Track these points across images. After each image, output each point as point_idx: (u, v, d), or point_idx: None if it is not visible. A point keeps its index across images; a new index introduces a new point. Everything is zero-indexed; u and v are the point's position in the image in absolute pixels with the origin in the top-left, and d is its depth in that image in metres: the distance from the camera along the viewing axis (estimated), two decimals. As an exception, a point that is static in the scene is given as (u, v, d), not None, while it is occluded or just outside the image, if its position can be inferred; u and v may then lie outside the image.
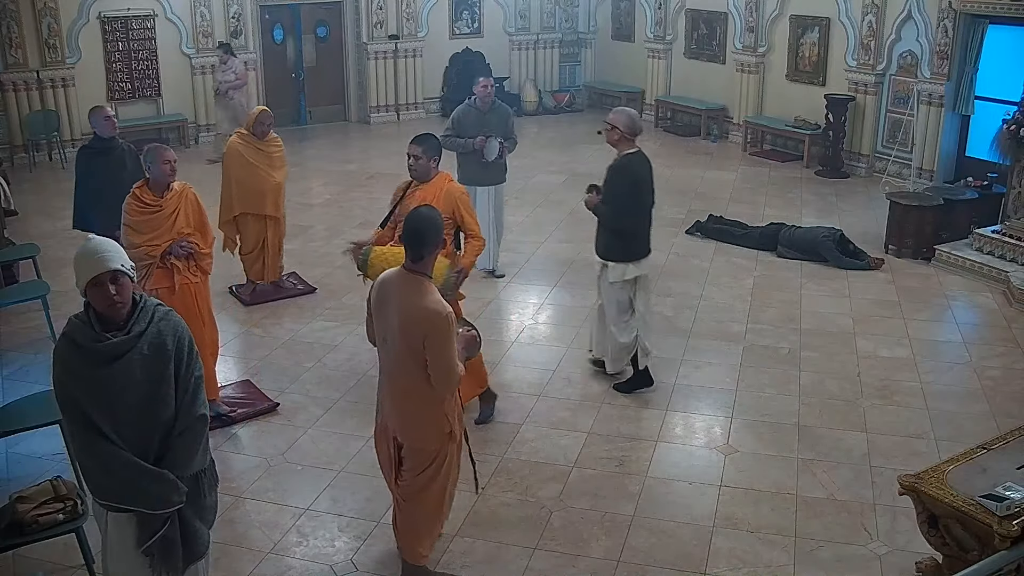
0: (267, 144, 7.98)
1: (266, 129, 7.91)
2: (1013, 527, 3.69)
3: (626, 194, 6.13)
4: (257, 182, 7.84)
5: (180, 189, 5.88)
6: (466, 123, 8.16)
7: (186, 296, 5.88)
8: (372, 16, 15.36)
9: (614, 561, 4.74)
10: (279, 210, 8.08)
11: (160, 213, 5.77)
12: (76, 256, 3.41)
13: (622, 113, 6.22)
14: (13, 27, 12.75)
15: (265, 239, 8.06)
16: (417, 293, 4.05)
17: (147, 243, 5.72)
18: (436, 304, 4.01)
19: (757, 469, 5.59)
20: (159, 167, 5.71)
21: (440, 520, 4.62)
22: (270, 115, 8.03)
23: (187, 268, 5.87)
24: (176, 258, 5.79)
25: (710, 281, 8.61)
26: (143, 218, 5.75)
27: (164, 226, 5.77)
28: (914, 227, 9.19)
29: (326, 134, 15.09)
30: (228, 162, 7.89)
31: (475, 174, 8.22)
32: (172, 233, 5.78)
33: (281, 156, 8.08)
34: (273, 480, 5.49)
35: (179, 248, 5.79)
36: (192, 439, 3.48)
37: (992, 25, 10.62)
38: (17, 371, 6.88)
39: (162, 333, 3.42)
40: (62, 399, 3.34)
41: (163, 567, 3.49)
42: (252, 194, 7.84)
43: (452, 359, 4.05)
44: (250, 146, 7.90)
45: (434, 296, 4.05)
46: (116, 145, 7.21)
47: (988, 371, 6.85)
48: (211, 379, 6.19)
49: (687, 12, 15.08)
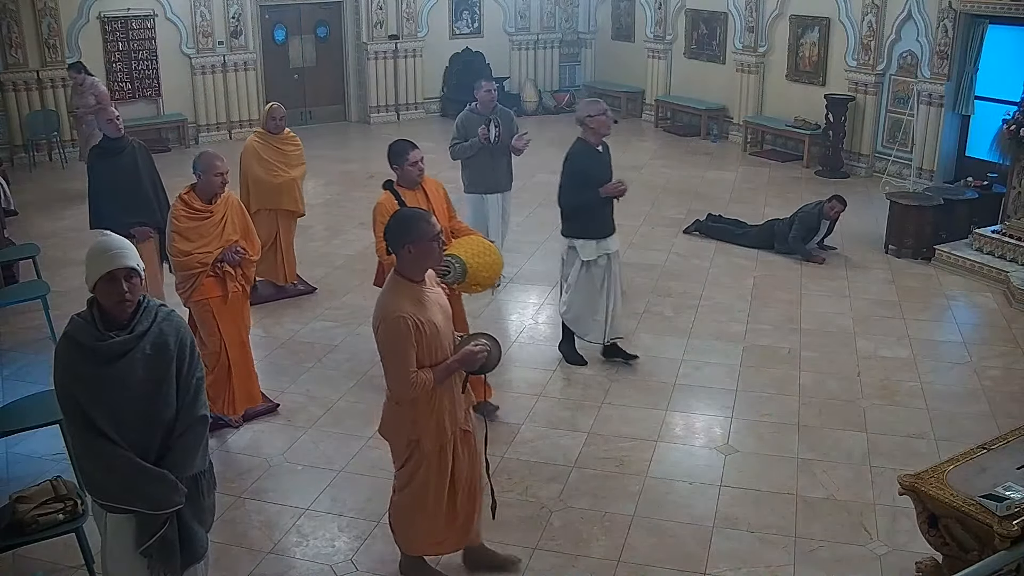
0: (283, 142, 8.00)
1: (280, 123, 7.92)
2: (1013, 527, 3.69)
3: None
4: (272, 180, 7.87)
5: (227, 195, 5.79)
6: (472, 128, 8.07)
7: (236, 304, 5.84)
8: (372, 16, 15.36)
9: (614, 561, 4.74)
10: (298, 205, 8.12)
11: (210, 220, 5.66)
12: (91, 250, 3.40)
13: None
14: (13, 27, 12.76)
15: (278, 235, 8.06)
16: (384, 287, 4.03)
17: (198, 250, 5.60)
18: (386, 304, 3.91)
19: (757, 469, 5.59)
20: (210, 178, 5.60)
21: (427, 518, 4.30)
22: (281, 109, 8.02)
23: (235, 277, 5.79)
24: (230, 265, 5.70)
25: (710, 281, 8.61)
26: (192, 224, 5.62)
27: (214, 233, 5.66)
28: (914, 227, 9.19)
29: (326, 134, 15.09)
30: (244, 161, 7.92)
31: (485, 181, 8.16)
32: (221, 240, 5.67)
33: (299, 154, 8.10)
34: (273, 480, 5.49)
35: (233, 255, 5.68)
36: (193, 440, 3.48)
37: (992, 25, 10.62)
38: (17, 371, 6.88)
39: (164, 333, 3.42)
40: (63, 398, 3.34)
41: (161, 568, 3.49)
42: (268, 190, 7.86)
43: (397, 365, 3.89)
44: (266, 144, 7.93)
45: (389, 295, 3.94)
46: (126, 144, 7.19)
47: (988, 371, 6.85)
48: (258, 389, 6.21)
49: (687, 12, 15.08)
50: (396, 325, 3.84)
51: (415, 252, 3.93)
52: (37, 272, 7.91)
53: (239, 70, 14.52)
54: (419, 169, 5.72)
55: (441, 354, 4.03)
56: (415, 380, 3.91)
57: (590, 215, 6.55)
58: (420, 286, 4.02)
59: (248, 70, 14.61)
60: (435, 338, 3.98)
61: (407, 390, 3.94)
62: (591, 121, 6.46)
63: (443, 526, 4.36)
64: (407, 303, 3.91)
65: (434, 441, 4.14)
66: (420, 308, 3.95)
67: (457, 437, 4.23)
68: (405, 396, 4.00)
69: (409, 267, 3.98)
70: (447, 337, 4.09)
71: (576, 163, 6.50)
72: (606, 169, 6.61)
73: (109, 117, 7.15)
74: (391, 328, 3.86)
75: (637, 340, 7.31)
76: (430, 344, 3.96)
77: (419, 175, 5.74)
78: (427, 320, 3.93)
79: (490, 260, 5.57)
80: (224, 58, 14.33)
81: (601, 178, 6.52)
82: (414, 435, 4.12)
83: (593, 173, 6.48)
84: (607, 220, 6.64)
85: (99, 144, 7.32)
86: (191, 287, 5.67)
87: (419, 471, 4.20)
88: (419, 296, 3.99)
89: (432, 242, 3.95)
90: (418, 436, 4.12)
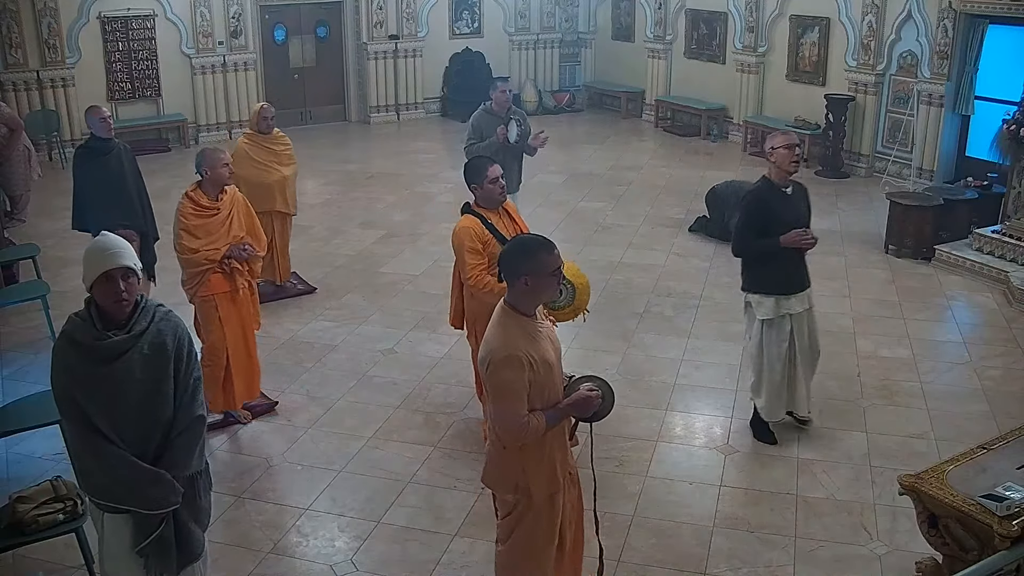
0: (274, 141, 8.00)
1: (270, 124, 7.92)
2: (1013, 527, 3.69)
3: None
4: (265, 179, 7.87)
5: (231, 192, 5.86)
6: (487, 128, 7.90)
7: (245, 300, 5.88)
8: (372, 16, 15.37)
9: (614, 561, 4.73)
10: (290, 206, 8.11)
11: (217, 216, 5.72)
12: (89, 250, 3.40)
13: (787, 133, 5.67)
14: (13, 27, 12.77)
15: (273, 238, 8.07)
16: (492, 320, 3.67)
17: (206, 247, 5.65)
18: (498, 339, 3.56)
19: (757, 469, 5.59)
20: (219, 171, 5.66)
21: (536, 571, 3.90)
22: (271, 109, 8.03)
23: (245, 272, 5.85)
24: (238, 261, 5.74)
25: (710, 281, 8.61)
26: (200, 222, 5.67)
27: (221, 230, 5.72)
28: (914, 227, 9.19)
29: (326, 134, 15.09)
30: (236, 163, 7.85)
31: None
32: (229, 237, 5.73)
33: (289, 153, 8.10)
34: (273, 480, 5.49)
35: (241, 252, 5.72)
36: (190, 439, 3.49)
37: (992, 25, 10.62)
38: (17, 371, 6.88)
39: (162, 333, 3.42)
40: (61, 397, 3.35)
41: (158, 568, 3.49)
42: (260, 191, 7.83)
43: (508, 407, 3.52)
44: (257, 145, 7.92)
45: (497, 328, 3.59)
46: (113, 145, 7.21)
47: (988, 371, 6.85)
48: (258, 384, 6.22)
49: (687, 12, 15.08)
50: (510, 364, 3.49)
51: (532, 284, 3.55)
52: (37, 272, 7.91)
53: (239, 70, 14.52)
54: (500, 187, 5.28)
55: (552, 395, 3.67)
56: (527, 424, 3.55)
57: (770, 265, 5.56)
58: (532, 320, 3.66)
59: (248, 70, 14.62)
60: (548, 377, 3.62)
61: (519, 435, 3.59)
62: (772, 154, 5.48)
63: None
64: (520, 339, 3.56)
65: (544, 490, 3.77)
66: (533, 344, 3.59)
67: (566, 483, 3.89)
68: (515, 442, 3.64)
69: (523, 299, 3.61)
70: (559, 376, 3.74)
71: (752, 204, 5.55)
72: (792, 213, 5.53)
73: (102, 116, 7.12)
74: (504, 366, 3.50)
75: (637, 340, 7.31)
76: (543, 384, 3.60)
77: (501, 194, 5.32)
78: (540, 358, 3.58)
79: (585, 281, 5.38)
80: (224, 58, 14.34)
81: (785, 223, 5.46)
82: (523, 483, 3.74)
83: (773, 217, 5.46)
84: (794, 273, 5.62)
85: (85, 144, 7.31)
86: (198, 283, 5.72)
87: (525, 521, 3.82)
88: (532, 331, 3.63)
89: (553, 276, 3.58)
90: (527, 484, 3.75)
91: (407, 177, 12.46)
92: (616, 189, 11.74)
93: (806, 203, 5.70)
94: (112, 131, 7.22)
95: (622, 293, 8.29)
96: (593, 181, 12.23)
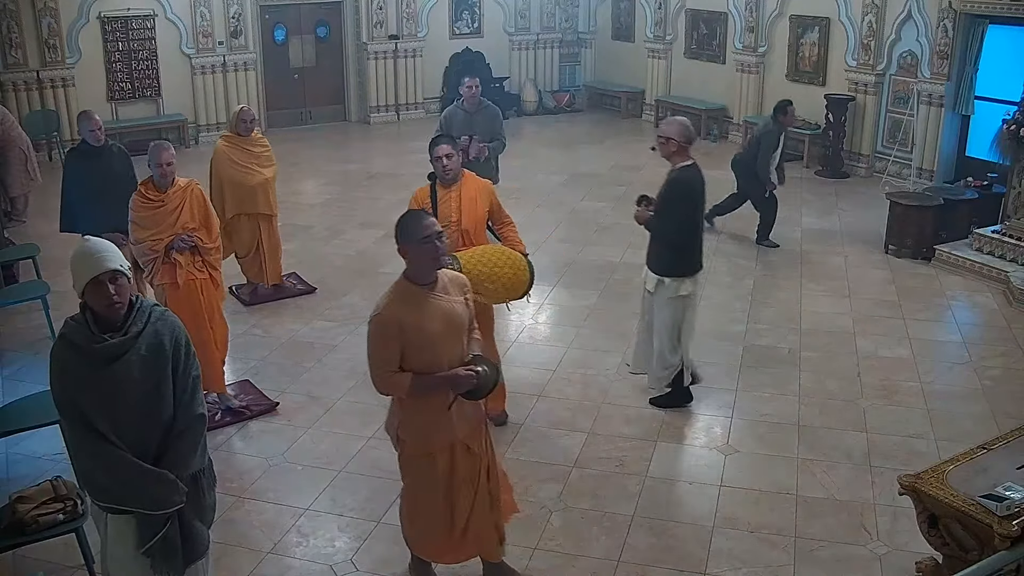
0: (253, 143, 7.93)
1: (249, 126, 7.85)
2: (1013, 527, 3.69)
3: (682, 207, 5.92)
4: (247, 181, 7.80)
5: (185, 185, 5.97)
6: (454, 124, 8.00)
7: (191, 292, 5.93)
8: (372, 16, 15.36)
9: (614, 561, 4.74)
10: (272, 208, 8.04)
11: (163, 208, 5.86)
12: (74, 257, 3.38)
13: (674, 123, 5.97)
14: (13, 27, 12.76)
15: (260, 241, 8.04)
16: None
17: (151, 238, 5.82)
18: (377, 302, 3.97)
19: (757, 469, 5.59)
20: (156, 169, 5.84)
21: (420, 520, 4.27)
22: (251, 112, 7.96)
23: (192, 264, 5.93)
24: (178, 252, 5.84)
25: (710, 281, 8.59)
26: (147, 213, 5.85)
27: (167, 221, 5.86)
28: (914, 227, 9.19)
29: (326, 134, 15.09)
30: (216, 166, 7.82)
31: None
32: (175, 228, 5.86)
33: (269, 155, 8.03)
34: (273, 480, 5.49)
35: (180, 242, 5.85)
36: (191, 439, 3.49)
37: (992, 25, 10.62)
38: (17, 371, 6.88)
39: (159, 333, 3.42)
40: (60, 401, 3.34)
41: (164, 568, 3.49)
42: (243, 193, 7.80)
43: (372, 360, 3.94)
44: (236, 147, 7.84)
45: (385, 292, 3.98)
46: (105, 148, 7.17)
47: (988, 371, 6.85)
48: (219, 374, 6.23)
49: (687, 12, 15.08)
50: (377, 322, 3.89)
51: (410, 253, 3.92)
52: (37, 272, 7.91)
53: (239, 70, 14.51)
54: (442, 166, 5.47)
55: (434, 362, 3.93)
56: (387, 379, 3.93)
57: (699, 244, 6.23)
58: (426, 290, 3.93)
59: (248, 70, 14.61)
60: (426, 345, 3.89)
61: (378, 385, 3.98)
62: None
63: (440, 536, 4.26)
64: (398, 304, 3.89)
65: (418, 448, 4.12)
66: (414, 311, 3.87)
67: (456, 452, 4.13)
68: (379, 390, 4.03)
69: (410, 268, 3.96)
70: (447, 346, 3.96)
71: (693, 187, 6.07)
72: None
73: (92, 127, 7.05)
74: (373, 323, 3.91)
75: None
76: (418, 348, 3.88)
77: (443, 172, 5.49)
78: (415, 325, 3.85)
79: (500, 272, 5.27)
80: (224, 58, 14.33)
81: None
82: (402, 435, 4.14)
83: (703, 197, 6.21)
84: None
85: (77, 147, 7.30)
86: (151, 272, 5.89)
87: (407, 470, 4.23)
88: (420, 300, 3.91)
89: (424, 242, 3.85)
90: (406, 437, 4.14)
91: (407, 177, 12.42)
92: (616, 189, 11.73)
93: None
94: (103, 140, 7.13)
95: (622, 293, 8.28)
96: (593, 181, 12.23)
